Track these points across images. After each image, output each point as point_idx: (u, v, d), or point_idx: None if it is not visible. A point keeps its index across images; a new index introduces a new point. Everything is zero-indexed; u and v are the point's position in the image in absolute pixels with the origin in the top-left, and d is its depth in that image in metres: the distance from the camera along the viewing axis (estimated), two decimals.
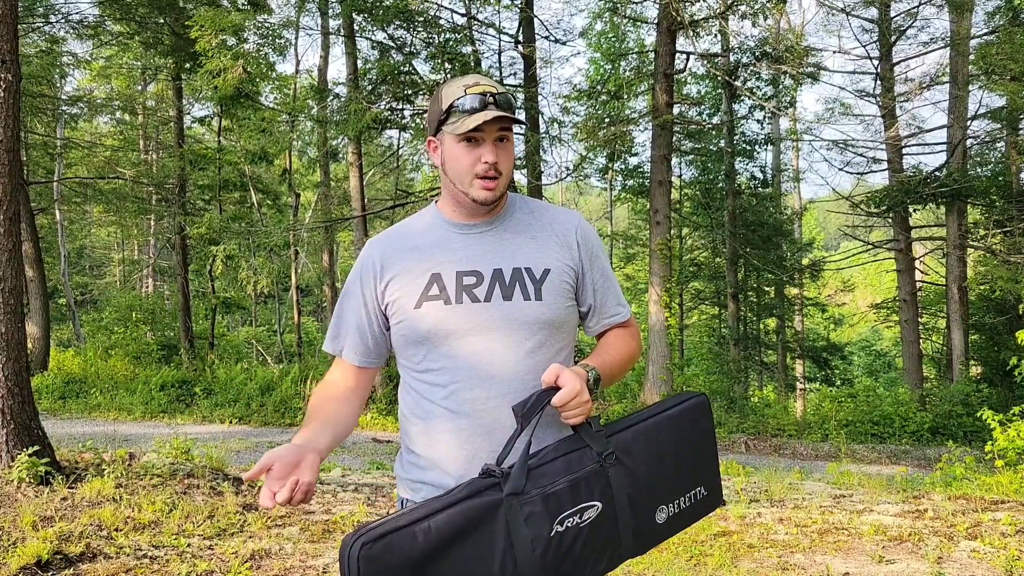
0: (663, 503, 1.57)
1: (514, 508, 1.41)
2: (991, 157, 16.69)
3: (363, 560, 1.30)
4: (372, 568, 1.31)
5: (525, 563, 1.40)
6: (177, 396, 12.92)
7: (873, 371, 28.56)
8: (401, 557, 1.33)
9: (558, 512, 1.43)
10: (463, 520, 1.39)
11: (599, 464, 1.49)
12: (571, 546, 1.44)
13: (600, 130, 15.11)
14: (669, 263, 13.95)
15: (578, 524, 1.45)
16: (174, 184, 18.45)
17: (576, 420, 1.48)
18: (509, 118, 1.54)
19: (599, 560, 1.49)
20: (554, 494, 1.44)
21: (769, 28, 15.49)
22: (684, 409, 1.63)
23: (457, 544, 1.37)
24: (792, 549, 4.38)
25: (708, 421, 1.65)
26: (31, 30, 15.29)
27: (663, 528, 1.57)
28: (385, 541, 1.33)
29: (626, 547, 1.52)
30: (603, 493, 1.48)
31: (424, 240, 1.65)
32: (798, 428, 12.57)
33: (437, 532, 1.36)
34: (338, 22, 15.23)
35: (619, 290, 1.75)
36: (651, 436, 1.56)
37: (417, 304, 1.58)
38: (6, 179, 5.16)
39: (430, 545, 1.35)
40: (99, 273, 31.94)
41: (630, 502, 1.51)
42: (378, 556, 1.32)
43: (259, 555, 4.13)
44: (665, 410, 1.61)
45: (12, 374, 5.10)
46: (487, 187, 1.56)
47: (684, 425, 1.61)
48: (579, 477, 1.47)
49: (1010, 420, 6.75)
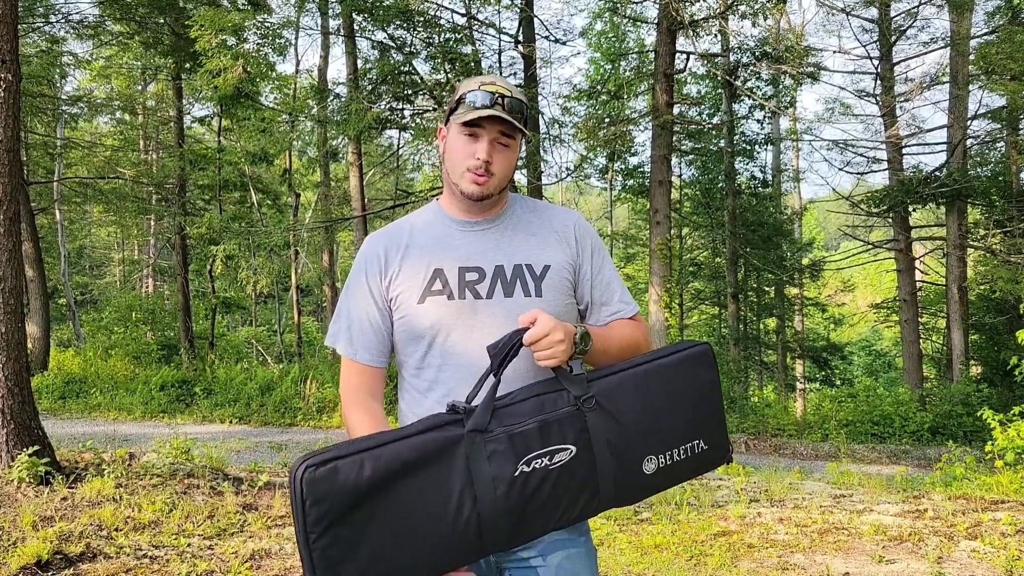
0: (652, 453, 1.49)
1: (476, 445, 1.37)
2: (991, 157, 16.69)
3: (306, 483, 1.29)
4: (314, 491, 1.29)
5: (486, 501, 1.36)
6: (177, 396, 12.91)
7: (873, 371, 28.57)
8: (346, 483, 1.30)
9: (525, 452, 1.39)
10: (415, 452, 1.35)
11: (575, 407, 1.43)
12: (538, 487, 1.40)
13: (600, 130, 15.11)
14: (669, 263, 13.95)
15: (547, 466, 1.40)
16: (174, 184, 18.44)
17: (548, 362, 1.44)
18: (508, 121, 1.54)
19: (572, 505, 1.44)
20: (521, 434, 1.39)
21: (769, 28, 15.48)
22: (681, 358, 1.55)
23: (408, 476, 1.34)
24: (792, 549, 4.38)
25: (710, 372, 1.57)
26: (31, 30, 15.29)
27: (653, 479, 1.51)
28: (331, 466, 1.31)
29: (606, 495, 1.47)
30: (578, 437, 1.42)
31: (426, 236, 1.65)
32: (798, 428, 12.57)
33: (386, 462, 1.33)
34: (338, 22, 15.24)
35: (623, 288, 1.72)
36: (640, 384, 1.50)
37: (420, 299, 1.58)
38: (6, 179, 5.16)
39: (378, 474, 1.32)
40: (99, 273, 31.93)
41: (611, 449, 1.45)
42: (321, 479, 1.30)
43: (259, 555, 4.12)
44: (658, 358, 1.54)
45: (12, 374, 5.10)
46: (476, 181, 1.57)
47: (680, 374, 1.54)
48: (551, 418, 1.42)
49: (1010, 420, 6.75)
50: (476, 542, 1.38)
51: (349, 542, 1.31)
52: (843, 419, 12.55)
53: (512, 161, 1.61)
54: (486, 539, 1.38)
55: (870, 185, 20.21)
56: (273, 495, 5.35)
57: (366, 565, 1.31)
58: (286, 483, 5.85)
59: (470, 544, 1.37)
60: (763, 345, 21.34)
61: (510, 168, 1.62)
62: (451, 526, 1.35)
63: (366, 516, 1.31)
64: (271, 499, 5.26)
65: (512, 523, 1.39)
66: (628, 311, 1.70)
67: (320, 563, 1.29)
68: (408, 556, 1.34)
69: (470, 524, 1.36)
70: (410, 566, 1.34)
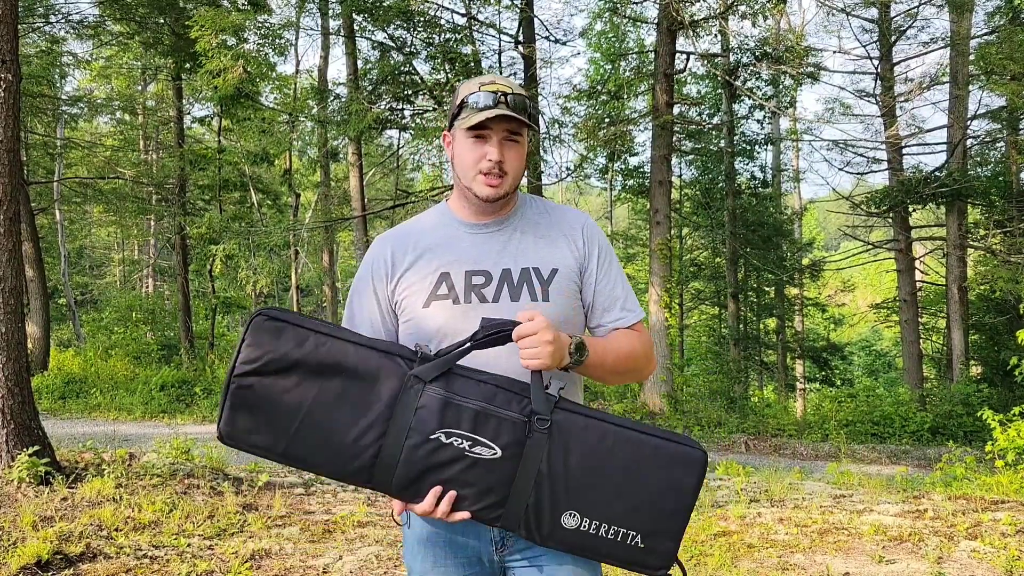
0: (577, 511, 1.41)
1: (412, 391, 1.39)
2: (991, 157, 16.70)
3: (253, 324, 1.39)
4: (255, 336, 1.38)
5: (392, 443, 1.38)
6: (177, 396, 12.91)
7: (873, 371, 28.57)
8: (284, 345, 1.38)
9: (450, 425, 1.38)
10: (355, 360, 1.39)
11: (525, 419, 1.39)
12: (446, 463, 1.38)
13: (600, 130, 15.11)
14: (669, 263, 13.95)
15: (463, 449, 1.38)
16: (174, 184, 18.44)
17: (531, 362, 1.41)
18: (516, 118, 1.53)
19: (470, 500, 1.40)
20: (456, 406, 1.38)
21: (769, 28, 15.49)
22: (669, 448, 1.43)
23: (338, 376, 1.38)
24: (792, 549, 4.38)
25: (690, 479, 1.42)
26: (31, 30, 15.29)
27: (568, 536, 1.42)
28: (280, 324, 1.39)
29: (512, 515, 1.41)
30: (509, 447, 1.38)
31: (433, 238, 1.64)
32: (798, 428, 12.56)
33: (326, 352, 1.38)
34: (338, 22, 15.24)
35: (628, 295, 1.67)
36: (607, 441, 1.41)
37: (426, 303, 1.57)
38: (6, 179, 5.16)
39: (312, 357, 1.38)
40: (99, 273, 31.91)
41: (537, 479, 1.39)
42: (265, 330, 1.38)
43: (259, 555, 4.12)
44: (646, 433, 1.44)
45: (12, 374, 5.10)
46: (490, 183, 1.56)
47: (658, 462, 1.42)
48: (493, 412, 1.39)
49: (1010, 420, 6.74)
50: (365, 471, 1.40)
51: (262, 397, 1.37)
52: (843, 419, 12.55)
53: (523, 157, 1.60)
54: (376, 473, 1.40)
55: (870, 185, 20.23)
56: (273, 495, 5.35)
57: (264, 424, 1.38)
58: (286, 483, 5.85)
59: (358, 467, 1.40)
60: (763, 345, 21.34)
61: (522, 164, 1.61)
62: (351, 442, 1.38)
63: (287, 385, 1.37)
64: (271, 499, 5.26)
65: (404, 475, 1.39)
66: (630, 319, 1.66)
67: (232, 397, 1.38)
68: (299, 442, 1.39)
69: (367, 451, 1.39)
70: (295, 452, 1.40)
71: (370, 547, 4.33)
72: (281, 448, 1.39)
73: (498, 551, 1.59)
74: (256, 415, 1.38)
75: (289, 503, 5.22)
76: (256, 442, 1.40)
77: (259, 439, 1.39)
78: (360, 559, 4.11)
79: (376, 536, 4.57)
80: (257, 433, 1.39)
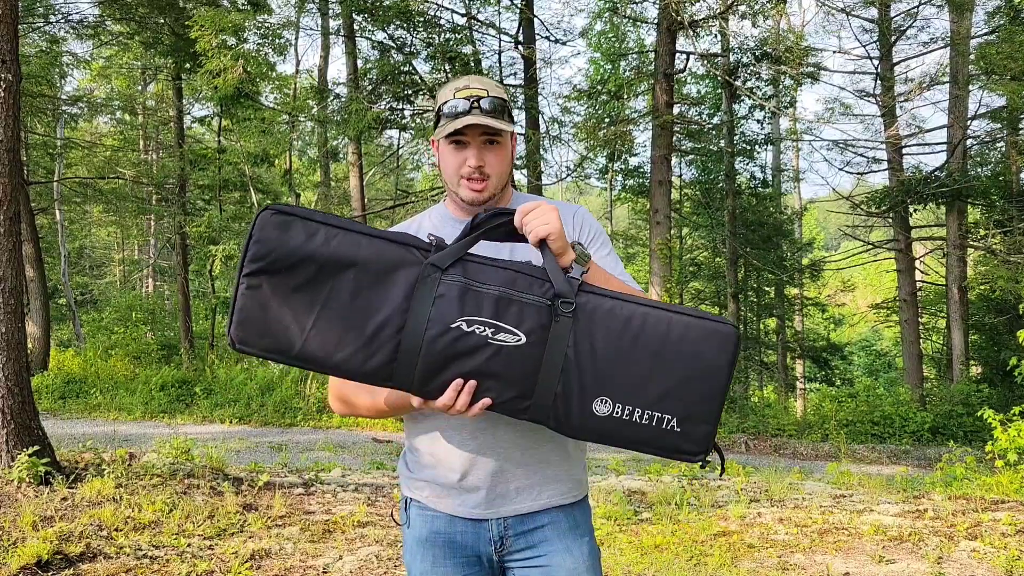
0: (609, 397, 1.34)
1: (429, 280, 1.33)
2: (991, 157, 16.70)
3: (260, 219, 1.32)
4: (262, 232, 1.31)
5: (411, 334, 1.31)
6: (177, 396, 12.90)
7: (873, 371, 28.53)
8: (293, 241, 1.31)
9: (471, 312, 1.31)
10: (370, 252, 1.33)
11: (548, 303, 1.33)
12: (468, 352, 1.31)
13: (600, 130, 15.11)
14: (669, 263, 13.95)
15: (486, 337, 1.31)
16: (174, 184, 18.44)
17: (539, 228, 1.36)
18: (487, 126, 1.52)
19: (495, 391, 1.34)
20: (476, 293, 1.33)
21: (769, 28, 15.49)
22: (701, 325, 1.35)
23: (352, 269, 1.32)
24: (792, 549, 4.38)
25: (722, 357, 1.34)
26: (31, 30, 15.28)
27: (600, 424, 1.35)
28: (288, 219, 1.32)
29: (539, 405, 1.34)
30: (534, 332, 1.32)
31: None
32: (798, 428, 12.57)
33: (339, 245, 1.32)
34: (338, 22, 15.24)
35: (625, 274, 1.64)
36: (635, 322, 1.34)
37: None
38: (6, 179, 5.16)
39: (325, 250, 1.31)
40: (99, 273, 31.89)
41: (565, 364, 1.33)
42: (273, 225, 1.31)
43: (259, 555, 4.12)
44: (674, 311, 1.36)
45: (12, 374, 5.10)
46: (473, 188, 1.57)
47: (689, 340, 1.34)
48: (515, 297, 1.33)
49: (1010, 420, 6.74)
50: (385, 368, 1.33)
51: (272, 295, 1.31)
52: (843, 419, 12.55)
53: (506, 157, 1.60)
54: (396, 369, 1.33)
55: (870, 185, 20.22)
56: (273, 495, 5.35)
57: (276, 326, 1.31)
58: (286, 483, 5.85)
59: (378, 364, 1.33)
60: (763, 345, 21.34)
61: (506, 164, 1.60)
62: (369, 338, 1.32)
63: (298, 283, 1.31)
64: (271, 499, 5.26)
65: (426, 368, 1.32)
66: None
67: (242, 298, 1.31)
68: (314, 343, 1.32)
69: (385, 345, 1.32)
70: (309, 353, 1.33)
71: (370, 547, 4.33)
72: (296, 350, 1.32)
73: (497, 551, 1.59)
74: (267, 316, 1.31)
75: (289, 503, 5.22)
76: (268, 346, 1.33)
77: (271, 342, 1.33)
78: (360, 559, 4.11)
79: (376, 536, 4.57)
80: (269, 335, 1.32)
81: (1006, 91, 13.38)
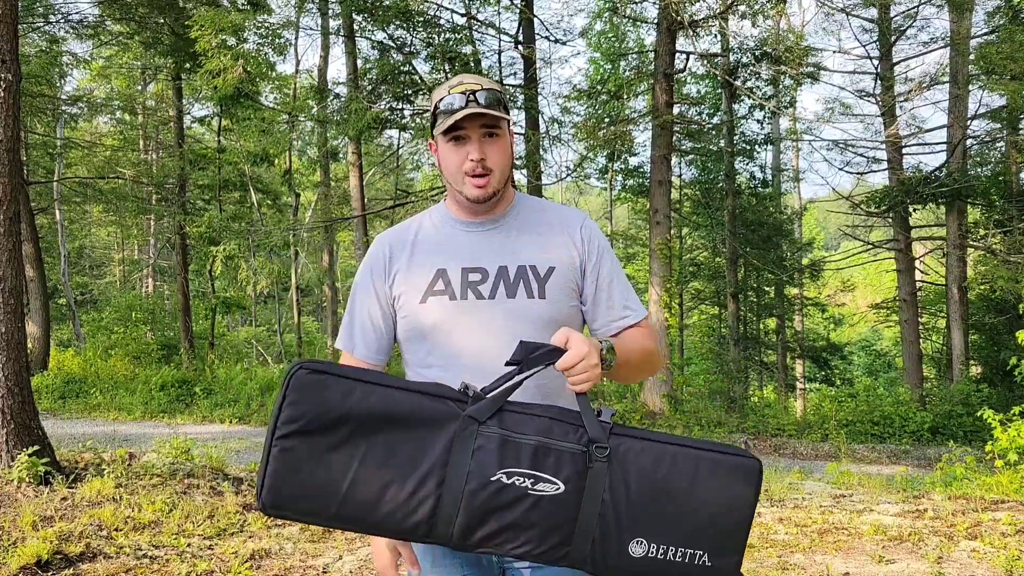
0: (644, 538, 1.35)
1: (467, 432, 1.32)
2: (991, 157, 16.70)
3: (294, 380, 1.29)
4: (297, 392, 1.29)
5: (451, 490, 1.30)
6: (177, 396, 12.90)
7: (873, 371, 28.52)
8: (329, 401, 1.28)
9: (511, 464, 1.31)
10: (406, 407, 1.31)
11: (584, 450, 1.34)
12: (509, 504, 1.31)
13: (600, 130, 15.11)
14: (669, 263, 13.95)
15: (526, 488, 1.31)
16: (174, 184, 18.45)
17: (583, 386, 1.37)
18: (488, 114, 1.52)
19: (537, 541, 1.33)
20: (515, 444, 1.32)
21: (769, 28, 15.50)
22: (726, 461, 1.39)
23: (389, 426, 1.30)
24: (792, 549, 4.38)
25: (747, 489, 1.39)
26: (31, 30, 15.28)
27: (636, 564, 1.36)
28: (323, 378, 1.30)
29: (578, 551, 1.35)
30: (571, 479, 1.33)
31: (432, 236, 1.66)
32: (798, 428, 12.56)
33: (375, 402, 1.30)
34: (338, 22, 15.24)
35: (630, 292, 1.67)
36: (666, 462, 1.37)
37: (422, 299, 1.58)
38: (6, 179, 5.16)
39: (361, 408, 1.29)
40: (99, 273, 31.90)
41: (602, 509, 1.34)
42: (307, 385, 1.29)
43: (259, 555, 4.12)
44: (701, 448, 1.40)
45: (12, 374, 5.10)
46: (478, 184, 1.56)
47: (716, 476, 1.38)
48: (552, 446, 1.33)
49: (1010, 420, 6.74)
50: (424, 525, 1.32)
51: (307, 457, 1.28)
52: (843, 419, 12.54)
53: (506, 150, 1.59)
54: (436, 526, 1.32)
55: (870, 185, 20.21)
56: None
57: (311, 488, 1.29)
58: None
59: (418, 522, 1.31)
60: (763, 345, 21.34)
61: (507, 158, 1.60)
62: (408, 495, 1.30)
63: (333, 443, 1.29)
64: None
65: (467, 523, 1.31)
66: (635, 317, 1.65)
67: (275, 461, 1.28)
68: (352, 502, 1.30)
69: (425, 503, 1.31)
70: (348, 513, 1.30)
71: (370, 547, 4.33)
72: (332, 511, 1.30)
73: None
74: (301, 478, 1.28)
75: None
76: (304, 509, 1.30)
77: (307, 505, 1.29)
78: (360, 559, 4.11)
79: None
80: (305, 499, 1.29)
81: (1006, 91, 13.38)
